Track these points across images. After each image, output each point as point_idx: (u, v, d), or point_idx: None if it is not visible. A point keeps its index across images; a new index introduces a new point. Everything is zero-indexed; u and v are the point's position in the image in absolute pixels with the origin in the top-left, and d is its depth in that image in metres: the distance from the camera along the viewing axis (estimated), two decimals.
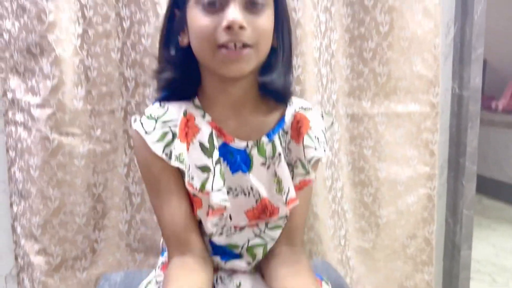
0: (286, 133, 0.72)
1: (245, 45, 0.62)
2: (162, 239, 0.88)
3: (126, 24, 1.11)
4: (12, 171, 1.15)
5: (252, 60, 0.64)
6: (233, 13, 0.60)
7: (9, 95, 1.12)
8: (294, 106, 0.74)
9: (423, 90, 1.28)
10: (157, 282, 0.80)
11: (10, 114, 1.13)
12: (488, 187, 3.14)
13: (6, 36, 1.10)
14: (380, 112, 1.29)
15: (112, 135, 1.16)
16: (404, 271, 1.37)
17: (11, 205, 1.19)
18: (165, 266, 0.81)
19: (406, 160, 1.31)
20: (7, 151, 1.16)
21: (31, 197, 1.10)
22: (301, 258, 0.74)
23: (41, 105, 1.07)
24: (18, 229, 1.15)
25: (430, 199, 1.34)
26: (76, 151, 1.10)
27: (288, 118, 0.73)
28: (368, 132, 1.29)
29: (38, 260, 1.12)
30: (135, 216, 1.19)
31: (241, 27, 0.60)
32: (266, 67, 0.68)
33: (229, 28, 0.60)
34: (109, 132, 1.16)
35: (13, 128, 1.13)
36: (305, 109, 0.74)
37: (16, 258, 1.22)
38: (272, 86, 0.68)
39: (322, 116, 0.76)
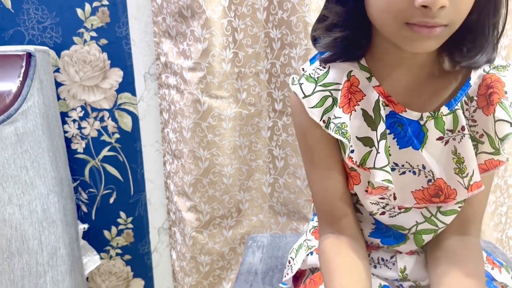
0: (471, 99, 0.59)
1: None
2: (312, 205, 0.85)
3: None
4: (166, 132, 1.22)
5: (443, 38, 0.52)
6: None
7: (162, 59, 1.17)
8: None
9: None
10: (308, 247, 0.76)
11: (163, 77, 1.18)
12: None
13: (159, 0, 1.13)
14: None
15: (257, 98, 1.15)
16: None
17: (164, 163, 1.27)
18: (316, 231, 0.78)
19: None
20: (161, 113, 1.22)
21: (184, 157, 1.15)
22: (473, 256, 0.61)
23: (192, 68, 1.09)
24: (171, 187, 1.23)
25: None
26: (224, 114, 1.12)
27: (474, 80, 0.59)
28: None
29: (189, 216, 1.19)
30: (278, 179, 1.19)
31: (442, 7, 0.48)
32: (461, 32, 0.54)
33: (426, 7, 0.48)
34: (253, 95, 1.15)
35: (166, 91, 1.18)
36: (498, 68, 0.59)
37: (168, 213, 1.31)
38: (475, 68, 0.57)
39: None
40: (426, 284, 0.64)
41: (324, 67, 0.62)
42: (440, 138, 0.59)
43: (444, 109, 0.59)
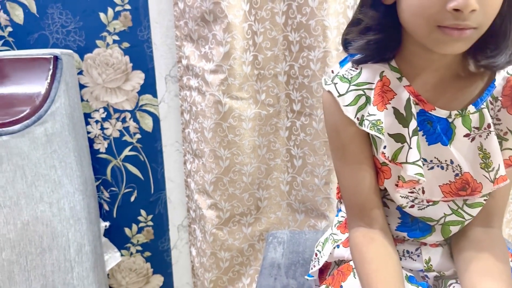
0: (496, 100, 0.63)
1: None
2: (337, 201, 0.88)
3: None
4: (186, 132, 1.26)
5: (472, 40, 0.56)
6: None
7: (184, 62, 1.21)
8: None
9: None
10: (334, 240, 0.80)
11: (184, 79, 1.22)
12: None
13: (181, 5, 1.17)
14: None
15: (275, 99, 1.19)
16: None
17: (184, 163, 1.30)
18: (341, 226, 0.81)
19: None
20: (182, 113, 1.26)
21: (205, 156, 1.19)
22: (498, 245, 0.65)
23: (214, 71, 1.12)
24: (192, 185, 1.27)
25: None
26: (244, 115, 1.15)
27: (498, 82, 0.63)
28: None
29: (209, 214, 1.23)
30: (296, 178, 1.22)
31: (473, 10, 0.51)
32: (486, 38, 0.58)
33: (457, 10, 0.51)
34: (272, 96, 1.18)
35: (187, 93, 1.22)
36: None
37: (188, 211, 1.35)
38: (494, 67, 0.60)
39: None
40: (450, 274, 0.67)
41: (357, 68, 0.66)
42: (467, 135, 0.63)
43: (471, 108, 0.63)
